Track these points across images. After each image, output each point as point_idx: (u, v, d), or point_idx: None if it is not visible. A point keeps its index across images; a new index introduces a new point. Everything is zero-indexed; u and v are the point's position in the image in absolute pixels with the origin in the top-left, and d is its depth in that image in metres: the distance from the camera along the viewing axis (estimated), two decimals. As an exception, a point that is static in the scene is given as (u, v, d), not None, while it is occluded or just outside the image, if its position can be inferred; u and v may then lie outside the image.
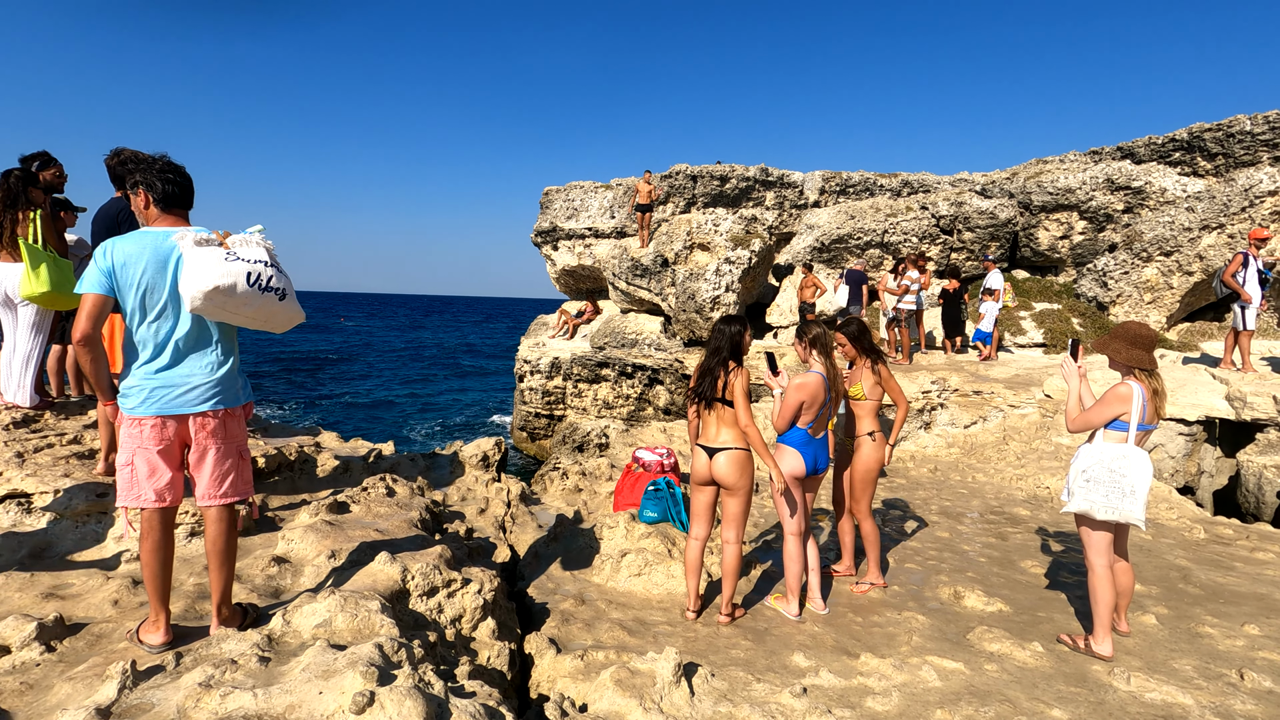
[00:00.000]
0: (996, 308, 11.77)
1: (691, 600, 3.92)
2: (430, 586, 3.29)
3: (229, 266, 2.50)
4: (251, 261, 2.56)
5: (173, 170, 2.61)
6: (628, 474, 5.41)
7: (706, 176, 18.41)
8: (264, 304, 2.60)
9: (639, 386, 15.93)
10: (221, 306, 2.51)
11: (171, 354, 2.56)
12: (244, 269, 2.52)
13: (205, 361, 2.60)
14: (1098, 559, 3.52)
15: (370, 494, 4.52)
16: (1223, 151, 14.14)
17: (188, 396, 2.56)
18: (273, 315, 2.67)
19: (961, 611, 4.10)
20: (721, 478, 3.74)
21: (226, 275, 2.48)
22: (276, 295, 2.63)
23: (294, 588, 3.33)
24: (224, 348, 2.67)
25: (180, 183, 2.63)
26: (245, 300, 2.54)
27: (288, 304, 2.69)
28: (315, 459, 5.36)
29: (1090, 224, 14.82)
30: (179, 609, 2.99)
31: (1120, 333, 3.48)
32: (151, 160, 2.62)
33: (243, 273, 2.52)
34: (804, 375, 3.87)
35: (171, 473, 2.59)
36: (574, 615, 3.90)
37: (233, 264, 2.51)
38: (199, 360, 2.59)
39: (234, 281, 2.49)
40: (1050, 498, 6.72)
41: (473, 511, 5.38)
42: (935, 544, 5.31)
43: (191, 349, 2.59)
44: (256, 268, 2.56)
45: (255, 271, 2.55)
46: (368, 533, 3.83)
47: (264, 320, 2.68)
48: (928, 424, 8.98)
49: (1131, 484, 3.37)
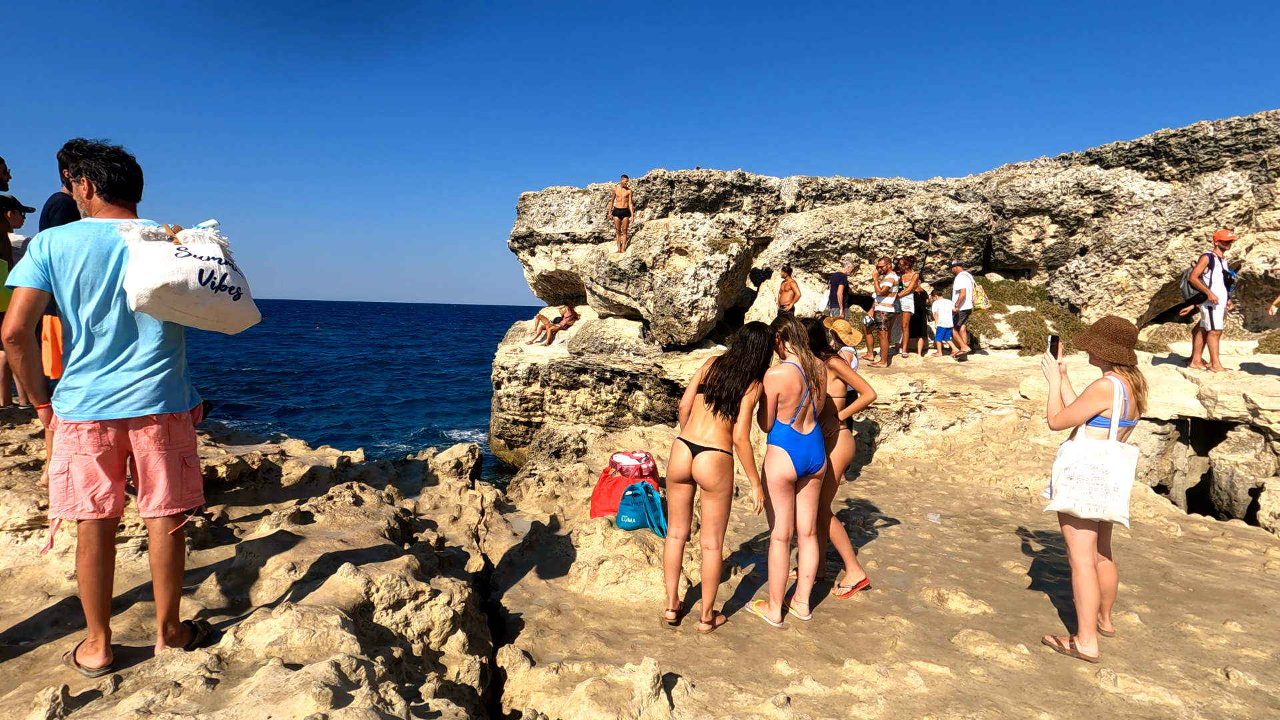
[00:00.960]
0: (950, 305, 12.11)
1: (670, 601, 3.81)
2: (396, 599, 3.13)
3: (179, 263, 2.33)
4: (204, 258, 2.40)
5: (120, 159, 2.43)
6: (605, 479, 5.27)
7: (684, 181, 18.38)
8: (217, 303, 2.44)
9: (618, 392, 15.79)
10: (171, 306, 2.34)
11: (112, 355, 2.39)
12: (195, 266, 2.36)
13: (148, 363, 2.42)
14: (1082, 558, 3.46)
15: (336, 503, 4.34)
16: (1187, 156, 14.43)
17: (129, 400, 2.38)
18: (226, 315, 2.51)
19: (946, 614, 4.03)
20: (701, 478, 3.64)
21: (176, 272, 2.31)
22: (230, 294, 2.46)
23: (251, 603, 3.15)
24: (169, 348, 2.49)
25: (128, 172, 2.45)
26: (196, 299, 2.37)
27: (242, 304, 2.53)
28: (280, 468, 5.16)
29: (1061, 227, 15.02)
30: (123, 628, 2.80)
31: (1101, 328, 3.44)
32: (97, 147, 2.45)
33: (194, 270, 2.35)
34: (777, 367, 3.79)
35: (111, 481, 2.41)
36: (549, 626, 3.75)
37: (183, 260, 2.34)
38: (142, 361, 2.41)
39: (185, 279, 2.32)
40: (1029, 498, 6.71)
41: (445, 520, 5.20)
42: (918, 546, 5.25)
43: (134, 350, 2.41)
44: (209, 264, 2.40)
45: (208, 269, 2.39)
46: (331, 543, 3.66)
47: (217, 321, 2.51)
48: (906, 426, 8.97)
49: (1114, 481, 3.33)
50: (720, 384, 3.63)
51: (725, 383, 3.63)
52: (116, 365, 2.38)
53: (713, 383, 3.65)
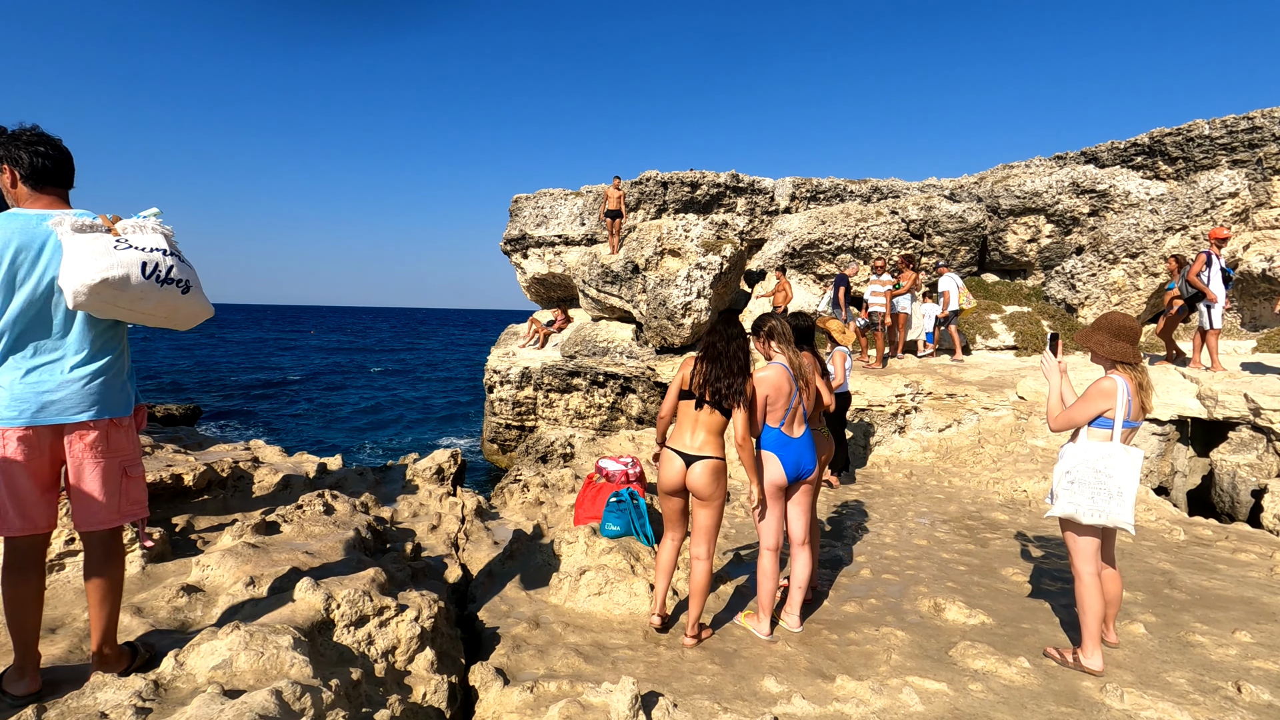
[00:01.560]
0: (935, 309, 12.22)
1: (658, 606, 3.66)
2: (359, 615, 2.95)
3: (119, 256, 2.15)
4: (146, 250, 2.21)
5: (44, 142, 2.24)
6: (589, 485, 5.09)
7: (677, 183, 18.24)
8: (164, 298, 2.25)
9: (611, 395, 15.62)
10: (112, 302, 2.16)
11: (45, 356, 2.20)
12: (137, 258, 2.17)
13: (85, 364, 2.24)
14: (1085, 566, 3.29)
15: (305, 512, 4.15)
16: (1183, 155, 14.34)
17: (62, 404, 2.20)
18: (176, 311, 2.32)
19: (942, 625, 3.86)
20: (698, 488, 3.45)
21: (116, 266, 2.13)
22: (178, 288, 2.27)
23: (204, 620, 2.96)
24: (109, 347, 2.31)
25: (53, 156, 2.25)
26: (141, 294, 2.19)
27: (192, 298, 2.34)
28: (251, 475, 4.97)
29: (1057, 227, 14.91)
30: (63, 648, 2.61)
31: (1103, 324, 3.28)
32: (17, 132, 2.26)
33: (136, 263, 2.17)
34: (764, 368, 3.61)
35: (40, 493, 2.23)
36: (527, 641, 3.57)
37: (124, 253, 2.16)
38: (77, 362, 2.23)
39: (125, 273, 2.14)
40: (1028, 501, 6.55)
41: (424, 528, 5.01)
42: (913, 552, 5.08)
43: (69, 350, 2.22)
44: (153, 256, 2.21)
45: (152, 261, 2.20)
46: (296, 556, 3.47)
47: (166, 317, 2.32)
48: (902, 428, 8.80)
49: (1119, 485, 3.16)
50: (714, 380, 3.41)
51: (719, 379, 3.40)
52: (50, 367, 2.19)
53: (703, 382, 3.44)
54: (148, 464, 4.65)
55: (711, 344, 3.44)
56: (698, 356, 3.50)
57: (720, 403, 3.38)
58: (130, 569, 3.41)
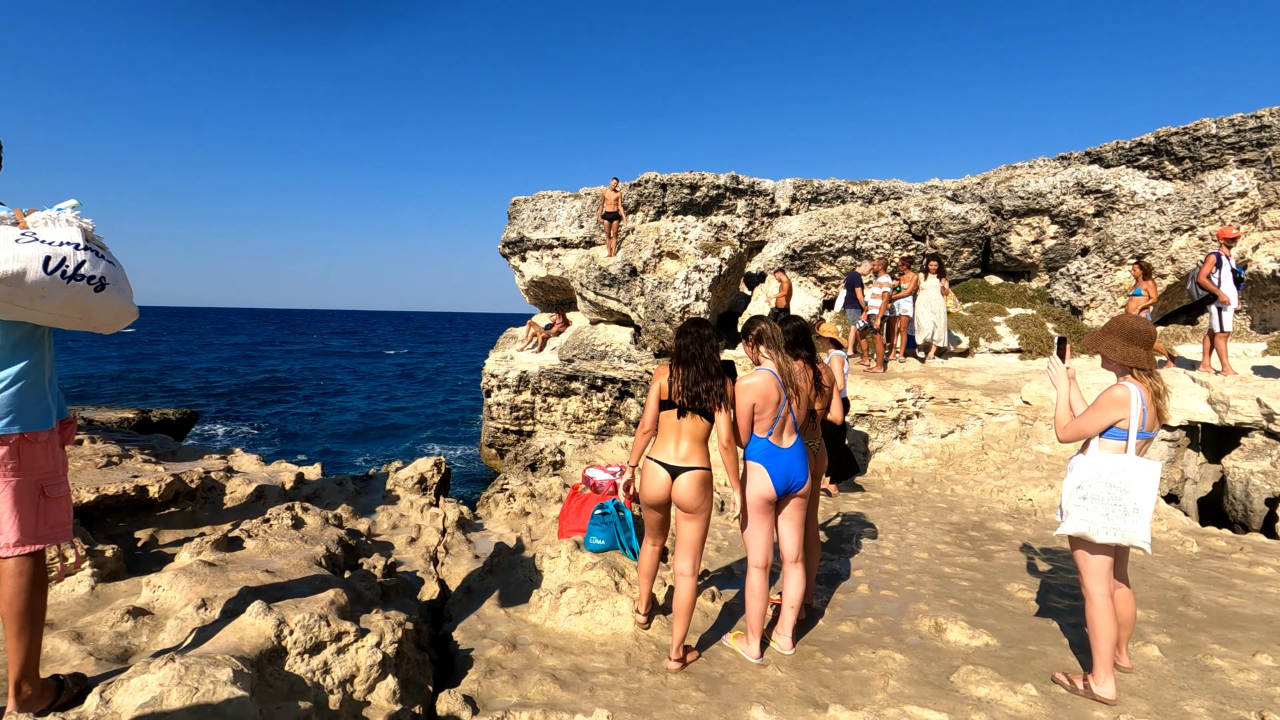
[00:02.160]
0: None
1: (643, 604, 3.64)
2: (314, 642, 2.74)
3: (18, 250, 1.95)
4: (54, 243, 2.02)
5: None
6: (574, 496, 4.88)
7: (676, 185, 18.05)
8: (72, 296, 2.04)
9: (609, 399, 15.40)
10: (7, 299, 1.96)
11: None
12: (40, 252, 1.98)
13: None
14: (1096, 587, 3.07)
15: (272, 527, 3.95)
16: (1189, 155, 14.09)
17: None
18: (89, 311, 2.11)
19: (944, 647, 3.63)
20: (684, 500, 3.26)
21: (12, 260, 1.93)
22: (90, 285, 2.07)
23: (148, 647, 2.76)
24: (21, 353, 2.10)
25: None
26: (42, 292, 1.99)
27: (108, 297, 2.13)
28: (223, 486, 4.78)
29: (1061, 228, 14.67)
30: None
31: (1115, 328, 3.06)
32: None
33: (37, 257, 1.97)
34: (750, 374, 3.40)
35: (-59, 516, 2.03)
36: (501, 664, 3.36)
37: (25, 247, 1.97)
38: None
39: (22, 268, 1.94)
40: (1033, 510, 6.32)
41: (402, 541, 4.81)
42: (914, 566, 4.86)
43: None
44: (60, 251, 2.01)
45: (58, 255, 2.00)
46: (254, 575, 3.27)
47: (79, 318, 2.12)
48: (903, 434, 8.58)
49: (1134, 500, 2.94)
50: (693, 385, 3.23)
51: (698, 382, 3.22)
52: None
53: (682, 388, 3.25)
54: (113, 474, 4.46)
55: (684, 347, 3.29)
56: (672, 363, 3.33)
57: (702, 407, 3.21)
58: (79, 589, 3.22)
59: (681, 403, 3.25)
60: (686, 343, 3.28)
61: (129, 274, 2.32)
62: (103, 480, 4.24)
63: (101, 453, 4.82)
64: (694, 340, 3.27)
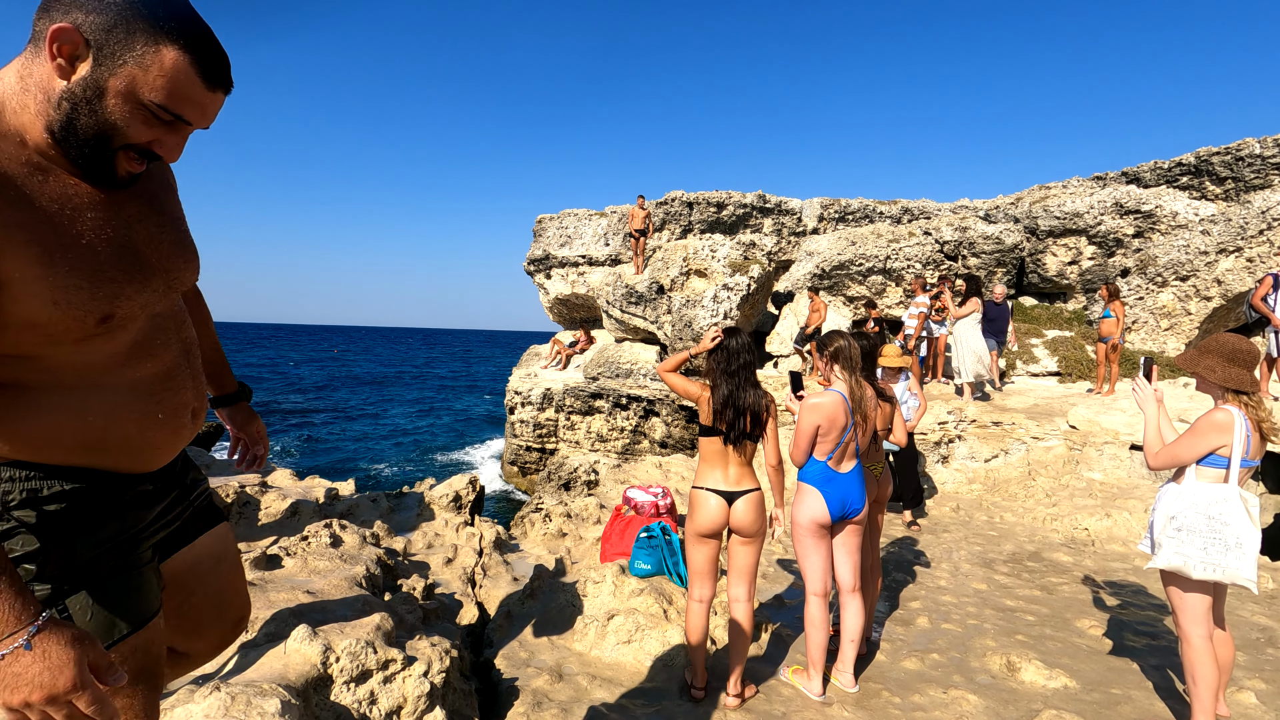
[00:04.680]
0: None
1: (699, 677, 3.19)
2: (361, 670, 2.59)
3: None
4: None
5: None
6: (617, 517, 4.71)
7: (703, 203, 18.01)
8: None
9: (634, 418, 15.24)
10: None
11: None
12: None
13: None
14: (1194, 628, 2.83)
15: (310, 544, 3.83)
16: (1232, 175, 13.76)
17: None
18: None
19: (1019, 688, 3.39)
20: (745, 526, 3.06)
21: None
22: None
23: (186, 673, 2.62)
24: None
25: None
26: None
27: None
28: (258, 501, 4.68)
29: (1100, 249, 14.35)
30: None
31: (1214, 347, 2.86)
32: None
33: None
34: (820, 394, 3.22)
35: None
36: (548, 696, 3.18)
37: None
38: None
39: None
40: (1090, 541, 6.03)
41: (438, 561, 4.67)
42: (973, 598, 4.61)
43: None
44: None
45: None
46: (295, 595, 3.14)
47: None
48: (945, 458, 8.31)
49: (1237, 534, 2.72)
50: (731, 402, 3.00)
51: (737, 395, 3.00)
52: None
53: (722, 406, 3.04)
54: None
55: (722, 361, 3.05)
56: (711, 384, 3.11)
57: (748, 427, 3.01)
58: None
59: (727, 431, 3.04)
60: (726, 359, 3.05)
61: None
62: (139, 493, 4.17)
63: (137, 465, 4.76)
64: (732, 356, 3.04)
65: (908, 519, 6.37)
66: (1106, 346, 9.82)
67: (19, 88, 1.00)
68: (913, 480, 6.37)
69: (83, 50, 0.97)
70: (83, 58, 0.97)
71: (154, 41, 0.98)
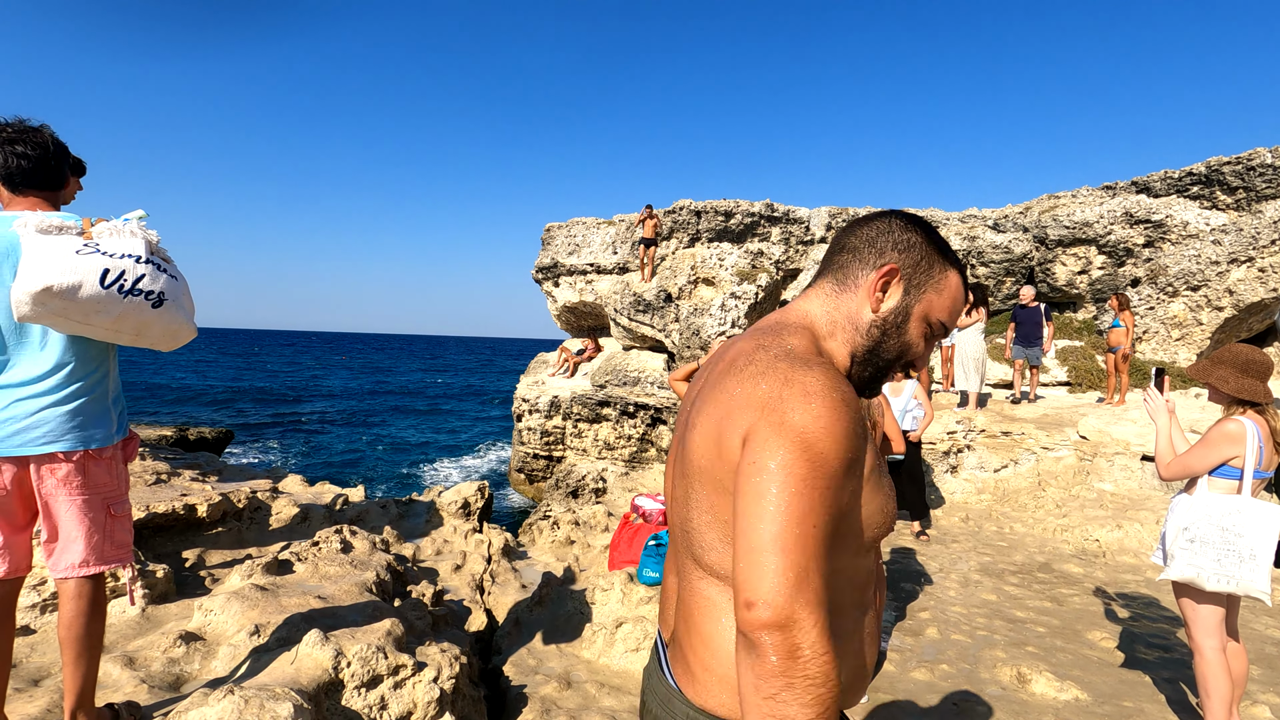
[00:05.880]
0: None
1: None
2: (371, 675, 2.60)
3: (77, 262, 1.84)
4: (115, 255, 1.91)
5: (23, 139, 1.96)
6: (625, 525, 4.72)
7: (711, 212, 18.05)
8: (127, 312, 1.94)
9: (641, 426, 15.24)
10: (61, 313, 1.86)
11: (12, 376, 1.93)
12: (99, 265, 1.87)
13: (58, 387, 1.97)
14: (1207, 640, 2.82)
15: (322, 550, 3.85)
16: (1243, 185, 13.70)
17: (29, 434, 1.93)
18: (144, 327, 2.00)
19: (1030, 700, 3.37)
20: None
21: (70, 272, 1.82)
22: (148, 301, 1.96)
23: (201, 675, 2.65)
24: (87, 368, 2.03)
25: (33, 156, 1.97)
26: (97, 307, 1.88)
27: (166, 314, 2.02)
28: (269, 506, 4.71)
29: (1110, 258, 14.29)
30: (39, 708, 2.31)
31: (1227, 357, 2.85)
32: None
33: (95, 270, 1.86)
34: None
35: (6, 534, 1.95)
36: (557, 704, 3.19)
37: (86, 258, 1.86)
38: (50, 385, 1.96)
39: (79, 281, 1.83)
40: (1101, 552, 5.98)
41: (447, 568, 4.68)
42: (982, 609, 4.58)
43: (34, 370, 1.95)
44: (120, 264, 1.91)
45: (117, 269, 1.90)
46: (307, 600, 3.16)
47: (133, 333, 2.01)
48: (954, 468, 8.27)
49: (1251, 546, 2.71)
50: None
51: None
52: (17, 388, 1.93)
53: None
54: (163, 492, 4.42)
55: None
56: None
57: None
58: (130, 611, 3.14)
59: None
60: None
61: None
62: (153, 498, 4.20)
63: (151, 470, 4.80)
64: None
65: (916, 529, 6.34)
66: (1116, 356, 9.76)
67: (826, 320, 1.12)
68: (920, 491, 6.35)
69: (894, 284, 1.11)
70: (893, 290, 1.11)
71: (944, 269, 1.13)
